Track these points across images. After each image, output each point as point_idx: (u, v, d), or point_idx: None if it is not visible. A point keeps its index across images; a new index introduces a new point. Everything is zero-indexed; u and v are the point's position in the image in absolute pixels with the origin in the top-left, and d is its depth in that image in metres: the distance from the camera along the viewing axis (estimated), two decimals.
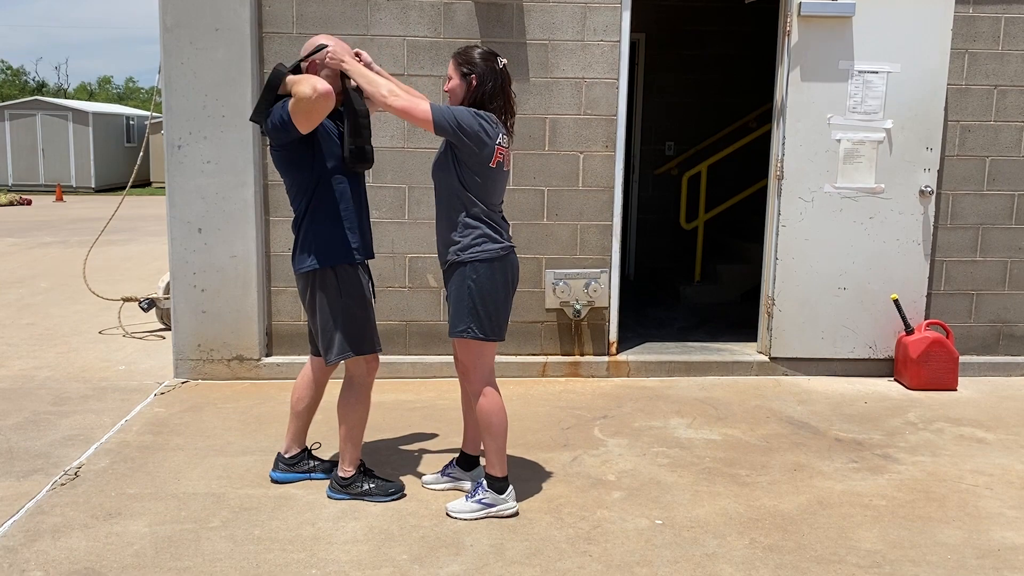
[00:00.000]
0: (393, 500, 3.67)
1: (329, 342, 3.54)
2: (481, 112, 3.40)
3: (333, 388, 4.35)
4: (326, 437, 4.33)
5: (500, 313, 3.50)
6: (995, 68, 5.54)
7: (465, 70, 3.43)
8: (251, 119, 3.53)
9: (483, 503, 3.54)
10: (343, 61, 3.44)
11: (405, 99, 3.35)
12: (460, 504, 3.57)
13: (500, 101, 3.46)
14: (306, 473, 3.86)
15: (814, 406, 5.08)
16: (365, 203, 3.62)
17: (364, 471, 3.71)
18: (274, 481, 3.85)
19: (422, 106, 3.33)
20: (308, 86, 3.25)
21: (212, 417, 4.72)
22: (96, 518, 3.49)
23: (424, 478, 3.89)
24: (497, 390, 3.56)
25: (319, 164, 3.45)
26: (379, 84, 3.40)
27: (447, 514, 3.56)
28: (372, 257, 3.63)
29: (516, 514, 3.57)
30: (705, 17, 8.54)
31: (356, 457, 3.68)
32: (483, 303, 3.44)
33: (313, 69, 3.48)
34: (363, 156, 3.49)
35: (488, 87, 3.42)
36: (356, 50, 3.63)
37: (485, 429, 3.53)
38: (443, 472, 3.88)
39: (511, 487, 3.59)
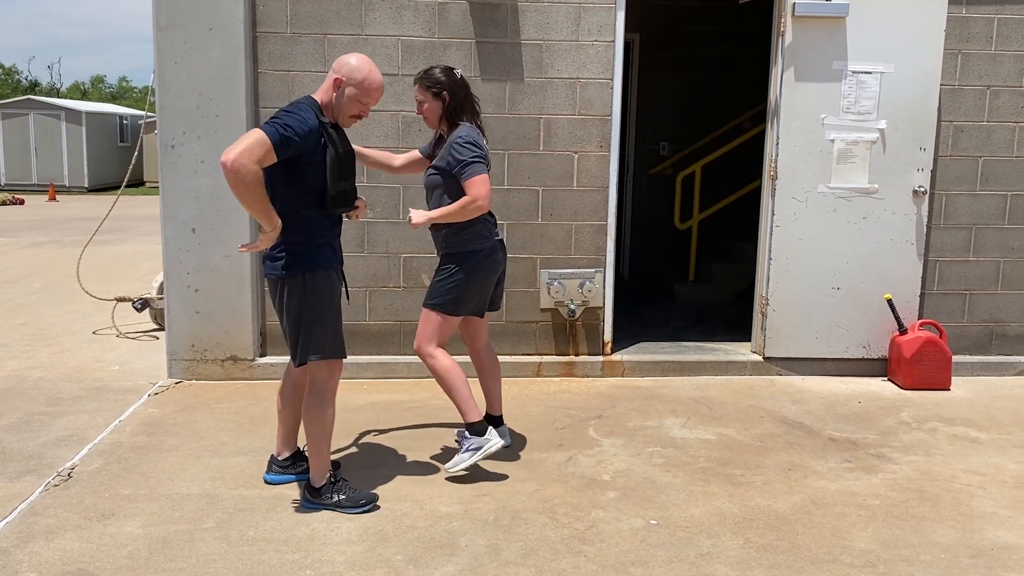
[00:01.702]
0: (363, 512, 3.58)
1: (295, 345, 3.51)
2: (471, 139, 3.80)
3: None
4: None
5: (475, 297, 3.97)
6: (988, 68, 5.56)
7: (435, 90, 3.84)
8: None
9: (472, 449, 3.88)
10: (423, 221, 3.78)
11: (476, 205, 3.77)
12: (454, 460, 3.91)
13: (469, 106, 3.89)
14: (300, 475, 3.85)
15: (808, 406, 5.09)
16: (339, 216, 3.61)
17: (335, 481, 3.63)
18: (268, 483, 3.84)
19: (480, 192, 3.76)
20: (232, 152, 3.19)
21: (206, 418, 4.71)
22: (89, 519, 3.48)
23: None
24: (445, 350, 3.95)
25: (298, 184, 3.41)
26: (455, 211, 3.78)
27: (448, 475, 3.90)
28: (341, 264, 3.63)
29: (508, 446, 3.91)
30: (700, 17, 8.54)
31: (325, 466, 3.60)
32: (466, 290, 3.92)
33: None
34: (346, 200, 3.51)
35: (459, 97, 3.86)
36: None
37: (446, 386, 3.90)
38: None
39: (490, 427, 3.89)
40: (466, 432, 3.90)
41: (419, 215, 3.78)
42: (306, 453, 3.96)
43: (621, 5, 5.32)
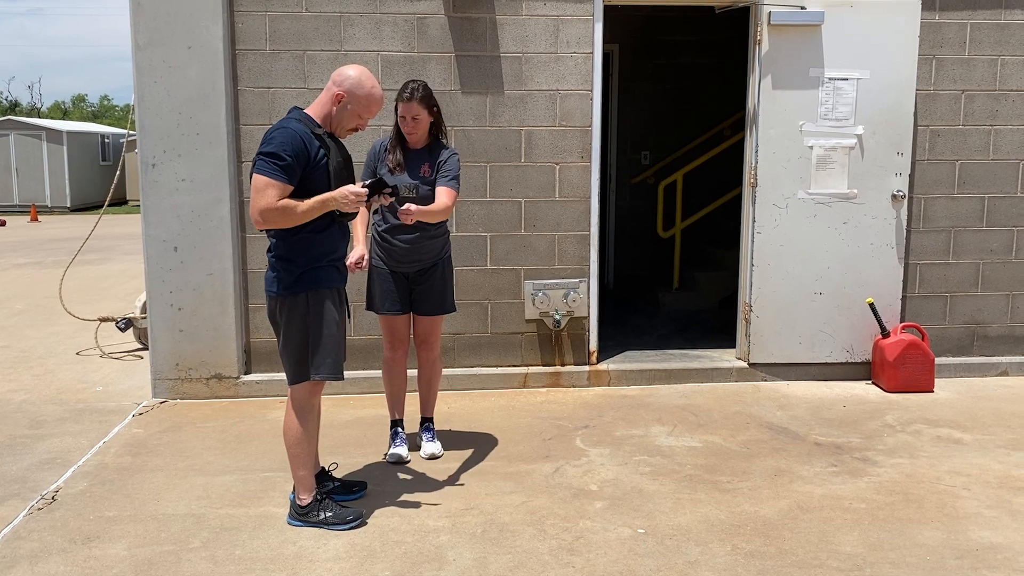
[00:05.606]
0: (350, 528, 3.56)
1: (294, 364, 3.49)
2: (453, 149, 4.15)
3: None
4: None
5: None
6: (962, 73, 5.63)
7: (435, 106, 4.05)
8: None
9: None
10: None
11: (447, 203, 3.99)
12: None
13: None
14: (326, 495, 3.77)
15: (793, 411, 5.12)
16: (346, 230, 3.60)
17: (320, 498, 3.62)
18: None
19: (453, 197, 4.03)
20: (255, 209, 3.32)
21: (191, 437, 4.68)
22: (74, 542, 3.45)
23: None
24: None
25: (300, 199, 3.37)
26: (433, 211, 3.91)
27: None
28: (345, 283, 3.62)
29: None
30: (678, 27, 8.61)
31: (310, 484, 3.59)
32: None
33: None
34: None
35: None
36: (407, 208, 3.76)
37: (438, 380, 4.52)
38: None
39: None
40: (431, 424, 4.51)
41: (415, 207, 3.78)
42: (330, 472, 3.92)
43: (599, 17, 5.36)
